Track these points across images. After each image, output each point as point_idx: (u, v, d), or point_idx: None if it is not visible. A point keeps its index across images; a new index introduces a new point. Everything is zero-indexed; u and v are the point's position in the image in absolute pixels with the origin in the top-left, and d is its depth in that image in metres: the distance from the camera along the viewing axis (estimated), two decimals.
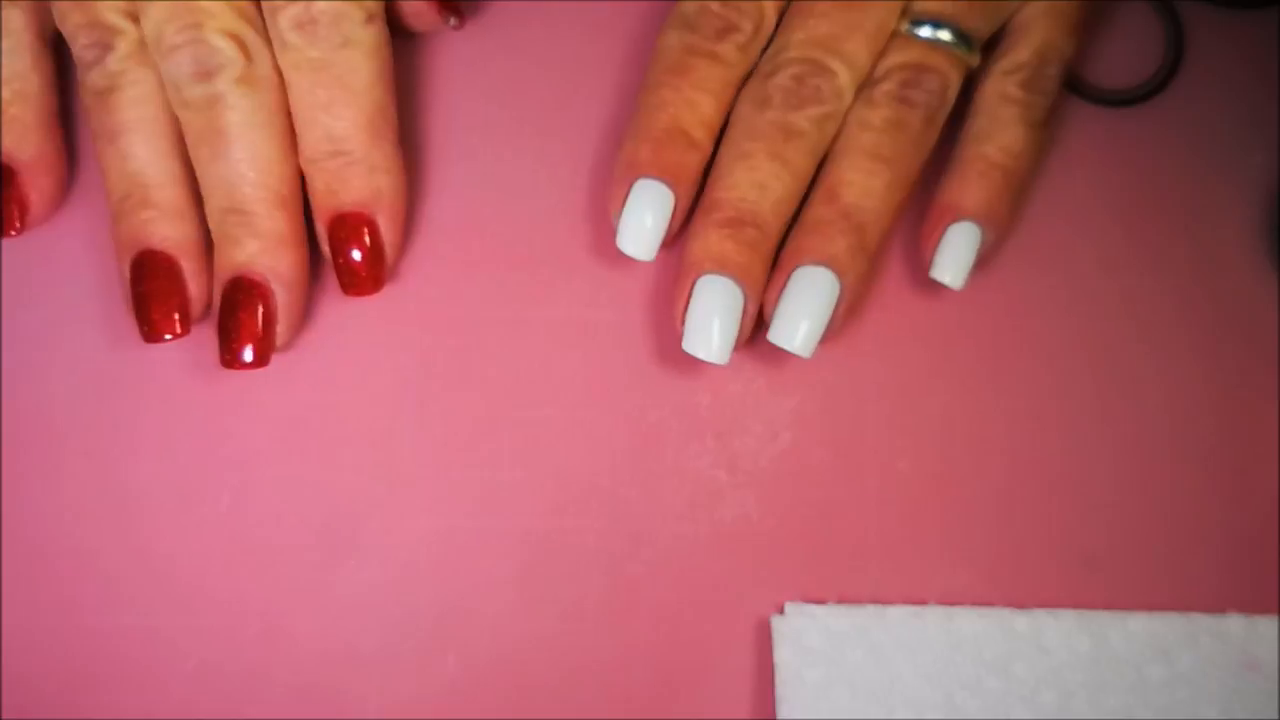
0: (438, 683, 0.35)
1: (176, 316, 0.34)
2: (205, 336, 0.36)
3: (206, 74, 0.33)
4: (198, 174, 0.34)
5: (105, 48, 0.34)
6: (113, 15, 0.34)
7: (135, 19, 0.34)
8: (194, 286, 0.34)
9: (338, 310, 0.36)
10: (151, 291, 0.34)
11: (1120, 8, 0.38)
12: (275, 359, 0.35)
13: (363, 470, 0.36)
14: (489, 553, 0.35)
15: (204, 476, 0.36)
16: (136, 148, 0.34)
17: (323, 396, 0.36)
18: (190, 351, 0.36)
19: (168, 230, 0.34)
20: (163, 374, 0.36)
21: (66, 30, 0.34)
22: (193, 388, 0.36)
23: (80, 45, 0.34)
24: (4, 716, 0.35)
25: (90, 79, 0.34)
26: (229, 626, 0.35)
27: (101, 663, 0.35)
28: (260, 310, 0.34)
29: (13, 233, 0.35)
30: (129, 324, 0.36)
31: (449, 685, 0.35)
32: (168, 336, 0.34)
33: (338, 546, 0.35)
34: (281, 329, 0.35)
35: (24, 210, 0.35)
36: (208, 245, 0.35)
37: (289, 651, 0.35)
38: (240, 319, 0.34)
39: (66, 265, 0.37)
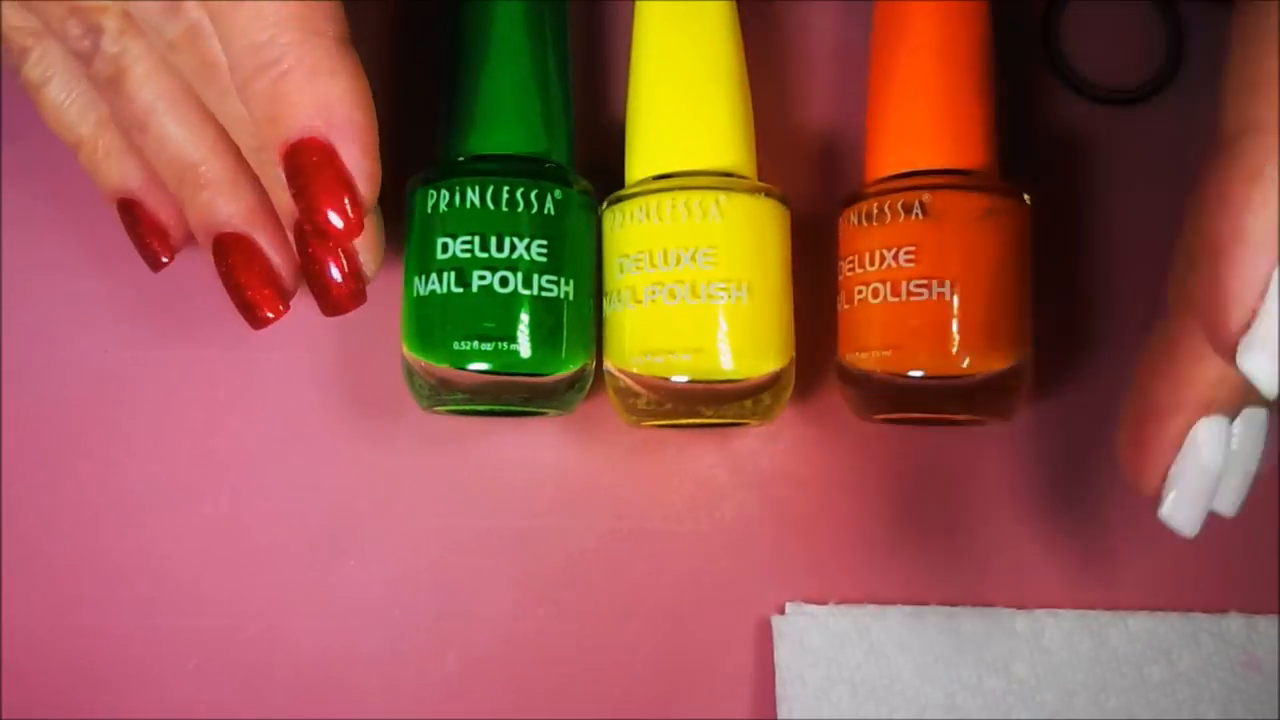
0: (438, 683, 0.35)
1: (268, 293, 0.32)
2: (203, 335, 0.36)
3: (173, 8, 0.30)
4: (216, 117, 0.32)
5: (96, 31, 0.31)
6: None
7: None
8: (276, 257, 0.32)
9: None
10: (238, 274, 0.32)
11: (1120, 8, 0.38)
12: (275, 359, 0.35)
13: (363, 470, 0.36)
14: (489, 553, 0.35)
15: (204, 476, 0.36)
16: (169, 128, 0.32)
17: (323, 396, 0.36)
18: (190, 351, 0.36)
19: (230, 207, 0.32)
20: (162, 374, 0.36)
21: (54, 27, 0.32)
22: (193, 387, 0.36)
23: (73, 39, 0.32)
24: (4, 716, 0.35)
25: (94, 71, 0.32)
26: (229, 626, 0.35)
27: (101, 663, 0.35)
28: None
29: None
30: (128, 324, 0.36)
31: (449, 685, 0.35)
32: (270, 315, 0.32)
33: (338, 546, 0.35)
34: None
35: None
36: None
37: (289, 651, 0.35)
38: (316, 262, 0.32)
39: (67, 265, 0.37)
